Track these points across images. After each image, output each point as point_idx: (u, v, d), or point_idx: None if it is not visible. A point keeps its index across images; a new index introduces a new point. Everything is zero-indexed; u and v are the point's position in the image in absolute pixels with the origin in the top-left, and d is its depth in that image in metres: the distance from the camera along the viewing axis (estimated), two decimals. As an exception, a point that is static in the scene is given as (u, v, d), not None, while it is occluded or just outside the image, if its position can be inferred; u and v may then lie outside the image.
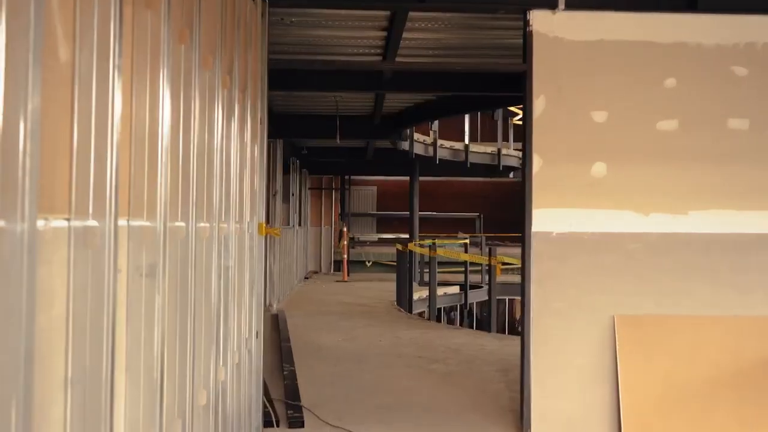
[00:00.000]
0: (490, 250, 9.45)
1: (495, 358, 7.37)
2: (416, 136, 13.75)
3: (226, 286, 3.50)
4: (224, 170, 3.39)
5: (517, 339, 8.98)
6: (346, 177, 20.09)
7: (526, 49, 4.75)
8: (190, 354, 2.62)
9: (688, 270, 4.64)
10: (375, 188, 23.26)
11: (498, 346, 8.08)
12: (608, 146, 4.70)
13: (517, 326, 21.35)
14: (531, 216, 4.68)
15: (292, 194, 14.46)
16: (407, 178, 19.85)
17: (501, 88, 8.12)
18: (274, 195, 11.27)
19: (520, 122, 16.99)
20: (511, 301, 20.89)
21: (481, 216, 19.51)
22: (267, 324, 9.53)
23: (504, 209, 22.04)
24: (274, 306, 10.95)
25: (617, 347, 4.57)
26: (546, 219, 4.68)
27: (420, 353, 7.62)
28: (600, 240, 4.66)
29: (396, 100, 10.15)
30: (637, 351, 4.57)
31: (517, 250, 15.48)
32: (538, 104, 4.68)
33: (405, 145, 13.15)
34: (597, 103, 4.71)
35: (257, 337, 4.61)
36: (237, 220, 3.84)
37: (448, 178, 22.61)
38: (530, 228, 4.68)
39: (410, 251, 11.92)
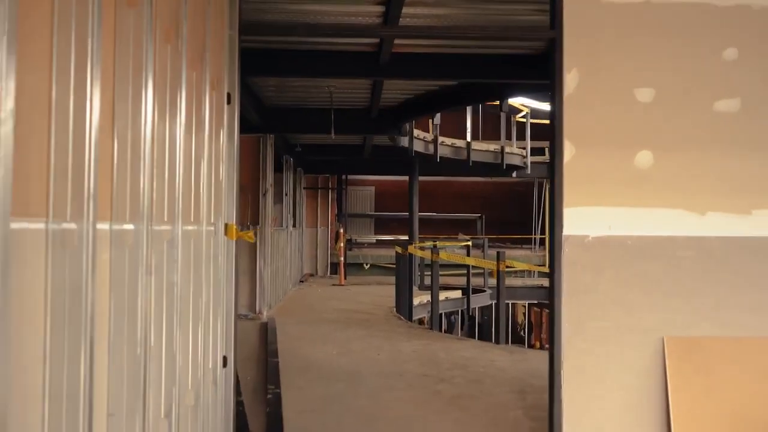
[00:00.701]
0: (498, 254, 8.55)
1: (508, 376, 6.46)
2: (416, 132, 12.85)
3: (171, 308, 2.60)
4: (165, 156, 2.49)
5: (528, 353, 8.13)
6: (343, 177, 19.18)
7: (554, 13, 3.85)
8: (84, 424, 1.71)
9: (756, 282, 3.74)
10: (373, 188, 22.37)
11: (509, 361, 7.17)
12: (655, 131, 3.80)
13: (519, 331, 20.49)
14: (562, 216, 3.78)
15: (286, 194, 13.55)
16: (406, 177, 18.93)
17: (514, 74, 7.24)
18: (264, 194, 10.37)
19: (524, 119, 16.08)
20: (513, 305, 20.00)
21: (483, 217, 18.60)
22: (254, 334, 8.64)
23: (504, 210, 21.19)
24: (264, 313, 10.04)
25: (668, 376, 3.67)
26: (580, 220, 3.78)
27: (423, 370, 6.72)
28: (646, 245, 3.76)
29: (395, 91, 9.25)
30: (693, 381, 3.67)
31: (520, 252, 14.64)
32: (570, 80, 3.78)
33: (404, 142, 12.24)
34: (641, 79, 3.81)
35: (225, 364, 3.71)
36: (192, 221, 2.94)
37: (448, 177, 21.73)
38: (561, 230, 3.78)
39: (410, 254, 11.01)
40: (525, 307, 20.53)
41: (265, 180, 10.38)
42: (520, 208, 21.21)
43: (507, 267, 8.68)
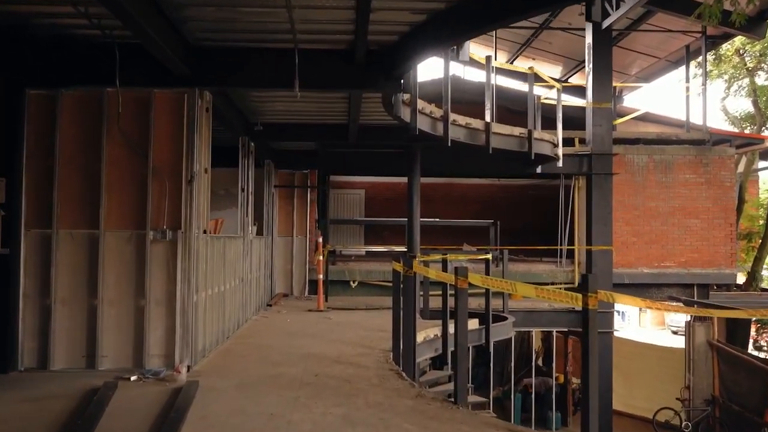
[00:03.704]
0: (585, 279, 4.51)
1: None
2: (420, 105, 8.93)
3: None
4: None
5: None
6: (328, 179, 15.23)
7: None
8: None
9: None
10: (363, 192, 18.39)
11: None
12: None
13: (537, 360, 16.39)
14: None
15: (242, 189, 9.56)
16: (402, 179, 14.97)
17: None
18: (190, 181, 6.40)
19: (553, 101, 12.14)
20: (530, 335, 15.97)
21: (497, 224, 14.67)
22: (142, 424, 4.65)
23: (515, 216, 17.28)
24: (184, 370, 6.01)
25: None
26: None
27: None
28: None
29: (395, 6, 5.35)
30: None
31: (542, 267, 10.16)
32: None
33: (405, 114, 8.34)
34: None
35: None
36: None
37: (450, 179, 17.82)
38: None
39: (414, 274, 7.00)
40: (543, 332, 16.63)
41: (192, 159, 6.40)
42: (536, 214, 17.33)
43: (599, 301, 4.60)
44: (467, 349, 5.35)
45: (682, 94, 14.78)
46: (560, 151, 11.70)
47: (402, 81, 6.62)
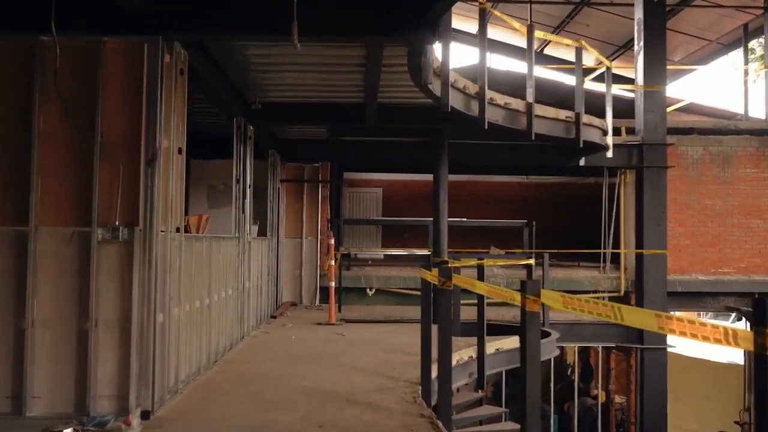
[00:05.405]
0: (761, 306, 2.73)
1: None
2: (452, 77, 7.12)
3: None
4: None
5: None
6: (340, 171, 13.48)
7: None
8: None
9: None
10: (380, 190, 16.59)
11: None
12: None
13: (570, 374, 14.43)
14: None
15: (237, 180, 7.80)
16: (424, 177, 13.22)
17: None
18: (150, 162, 4.63)
19: (602, 83, 9.81)
20: (563, 347, 13.98)
21: (533, 225, 12.78)
22: None
23: (544, 217, 15.35)
24: (134, 422, 4.22)
25: None
26: None
27: None
28: None
29: None
30: None
31: (584, 273, 7.95)
32: None
33: (434, 86, 6.55)
34: None
35: None
36: None
37: (473, 176, 15.94)
38: None
39: (454, 287, 5.19)
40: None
41: (153, 132, 4.65)
42: (569, 214, 15.46)
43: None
44: (539, 408, 3.50)
45: (735, 82, 12.87)
46: (610, 139, 9.84)
47: (436, 28, 4.80)
